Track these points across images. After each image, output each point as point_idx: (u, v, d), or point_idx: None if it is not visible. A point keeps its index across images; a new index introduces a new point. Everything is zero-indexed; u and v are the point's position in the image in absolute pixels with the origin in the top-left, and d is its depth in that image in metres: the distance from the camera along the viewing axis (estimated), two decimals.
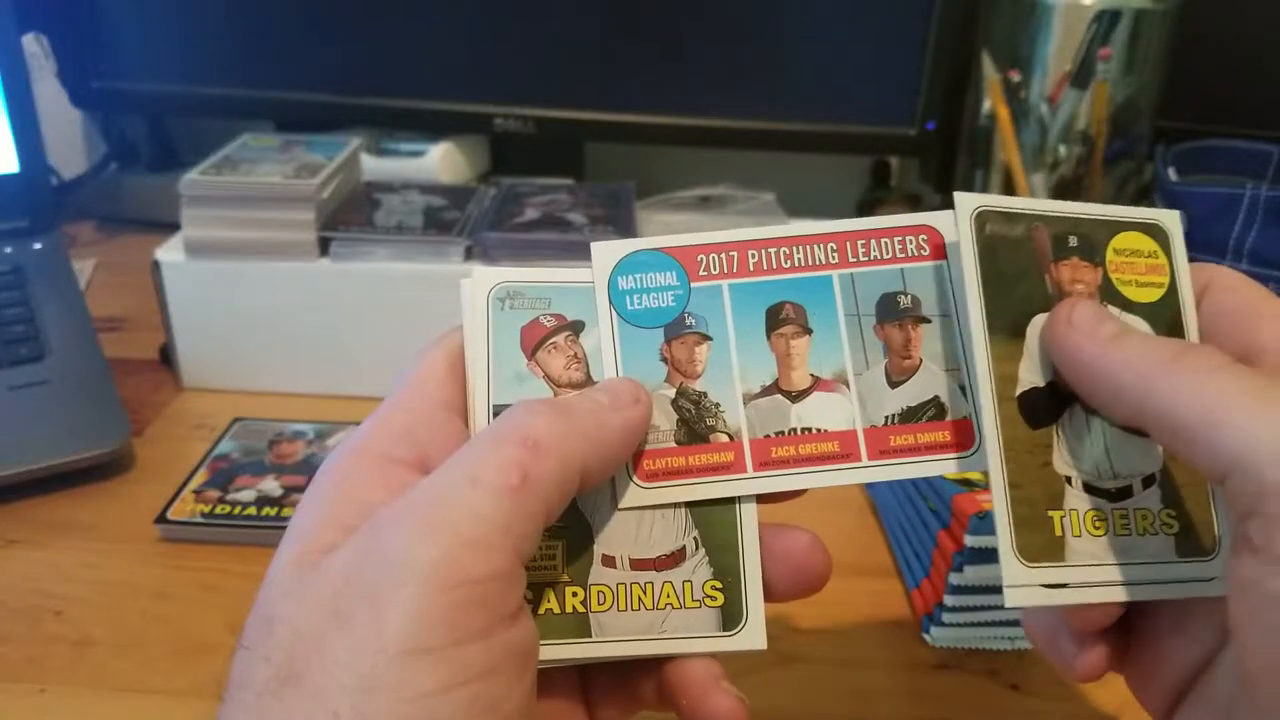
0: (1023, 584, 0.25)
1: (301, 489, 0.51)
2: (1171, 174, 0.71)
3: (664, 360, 0.29)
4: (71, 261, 0.65)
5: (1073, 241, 0.28)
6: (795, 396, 0.29)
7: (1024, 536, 0.26)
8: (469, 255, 0.59)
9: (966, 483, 0.43)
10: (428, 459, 0.26)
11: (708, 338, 0.29)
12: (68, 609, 0.44)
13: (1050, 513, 0.26)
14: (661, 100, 0.78)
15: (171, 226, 0.60)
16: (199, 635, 0.43)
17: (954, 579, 0.41)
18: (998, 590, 0.41)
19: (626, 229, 0.61)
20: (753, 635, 0.27)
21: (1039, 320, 0.27)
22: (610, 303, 0.29)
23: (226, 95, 0.79)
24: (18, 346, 0.57)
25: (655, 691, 0.28)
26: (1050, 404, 0.27)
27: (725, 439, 0.28)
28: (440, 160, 0.79)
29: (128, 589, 0.46)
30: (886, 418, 0.29)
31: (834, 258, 0.30)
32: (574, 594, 0.27)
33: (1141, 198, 0.78)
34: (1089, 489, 0.27)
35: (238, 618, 0.44)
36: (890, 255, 0.30)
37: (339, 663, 0.21)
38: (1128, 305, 0.28)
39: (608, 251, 0.30)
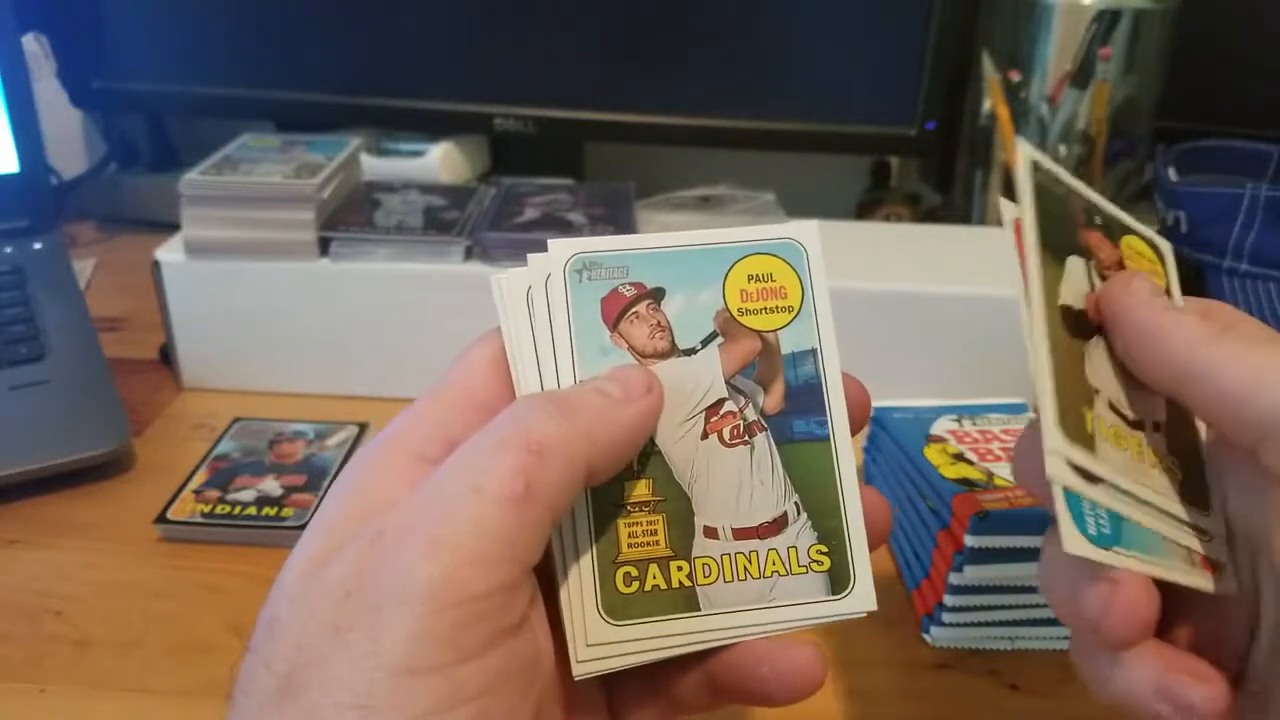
0: (1061, 453, 0.24)
1: (301, 489, 0.51)
2: (1171, 174, 0.71)
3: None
4: (71, 261, 0.65)
5: (1097, 219, 0.29)
6: None
7: (1064, 415, 0.25)
8: (469, 255, 0.59)
9: (966, 482, 0.43)
10: None
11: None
12: (68, 609, 0.44)
13: (1084, 410, 0.26)
14: (661, 100, 0.78)
15: (171, 226, 0.60)
16: (199, 635, 0.43)
17: (954, 579, 0.41)
18: (998, 590, 0.42)
19: (626, 229, 0.61)
20: (863, 597, 0.27)
21: (1076, 260, 0.28)
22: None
23: (226, 95, 0.79)
24: (18, 346, 0.57)
25: (704, 686, 0.27)
26: (1083, 326, 0.27)
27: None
28: (440, 160, 0.79)
29: (128, 589, 0.46)
30: None
31: None
32: (679, 568, 0.27)
33: (1142, 198, 0.77)
34: (1112, 408, 0.27)
35: (238, 618, 0.44)
36: None
37: (337, 680, 0.20)
38: None
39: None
